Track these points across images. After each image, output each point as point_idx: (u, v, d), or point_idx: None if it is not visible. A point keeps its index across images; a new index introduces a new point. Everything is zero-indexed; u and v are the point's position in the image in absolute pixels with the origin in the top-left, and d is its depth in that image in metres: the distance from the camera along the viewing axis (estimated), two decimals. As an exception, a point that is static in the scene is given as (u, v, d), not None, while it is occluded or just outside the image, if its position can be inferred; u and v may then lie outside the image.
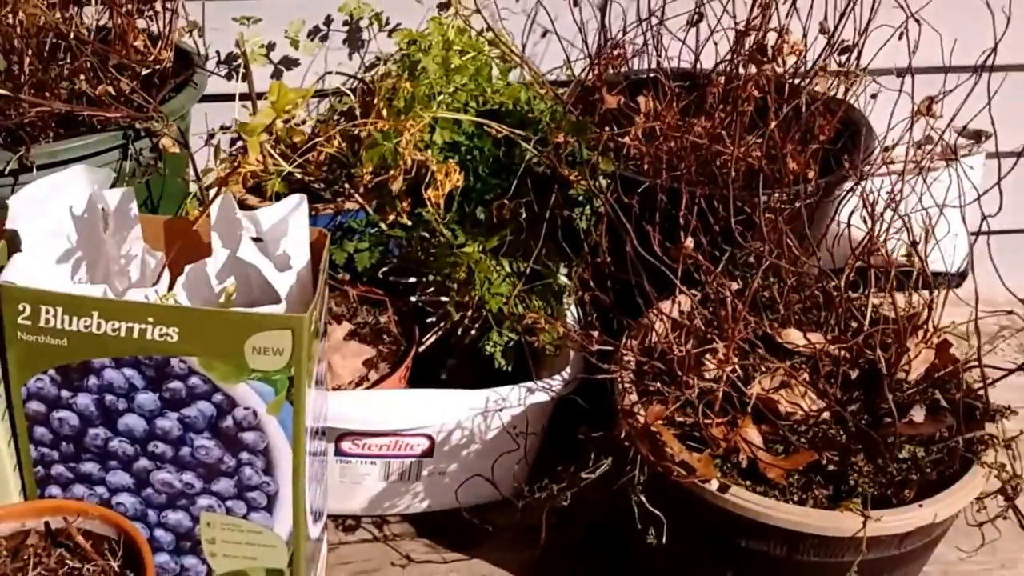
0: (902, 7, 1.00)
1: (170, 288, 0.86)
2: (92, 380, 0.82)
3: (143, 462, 0.86)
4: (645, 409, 0.94)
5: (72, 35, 1.03)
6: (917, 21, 0.96)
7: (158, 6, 1.12)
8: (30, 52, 1.01)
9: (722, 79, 1.18)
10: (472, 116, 1.12)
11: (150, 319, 0.78)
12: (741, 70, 1.14)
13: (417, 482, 1.15)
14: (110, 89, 1.00)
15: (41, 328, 0.79)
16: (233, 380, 0.80)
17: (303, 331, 0.78)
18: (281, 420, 0.82)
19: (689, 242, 0.98)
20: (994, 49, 0.96)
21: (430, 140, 1.09)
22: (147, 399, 0.82)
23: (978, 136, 1.55)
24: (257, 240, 0.88)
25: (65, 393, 0.83)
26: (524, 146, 1.11)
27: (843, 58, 1.12)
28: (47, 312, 0.78)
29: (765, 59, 1.04)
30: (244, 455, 0.84)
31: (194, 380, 0.80)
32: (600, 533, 1.16)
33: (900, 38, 0.99)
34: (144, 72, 1.11)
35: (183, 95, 1.13)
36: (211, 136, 1.51)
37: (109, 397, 0.82)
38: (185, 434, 0.84)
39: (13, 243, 0.85)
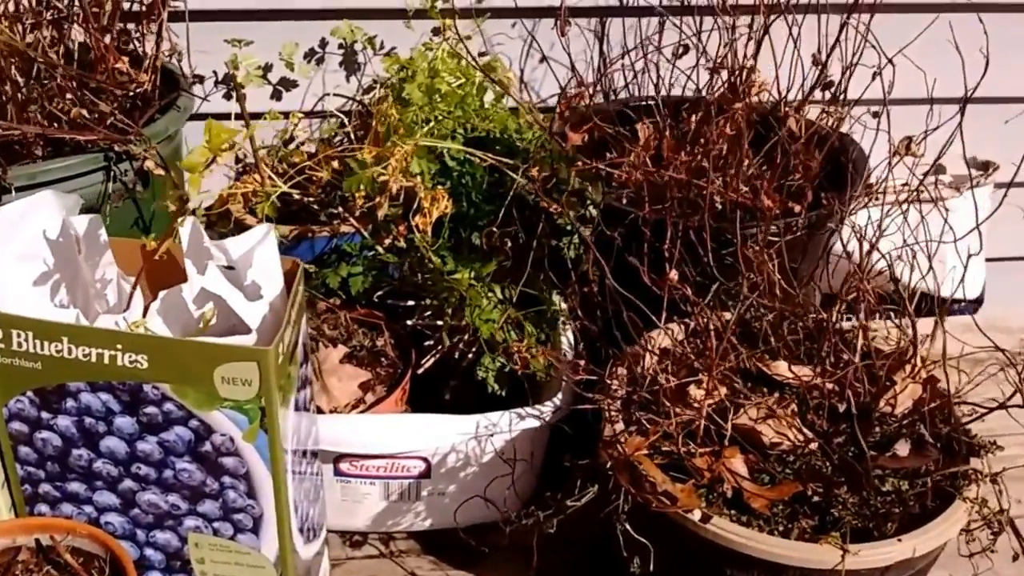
0: (875, 47, 1.01)
1: (144, 313, 0.87)
2: (70, 403, 0.83)
3: (128, 483, 0.87)
4: (627, 439, 0.95)
5: (41, 59, 1.04)
6: (891, 63, 0.97)
7: (143, 28, 1.13)
8: (13, 72, 1.01)
9: (694, 116, 1.19)
10: (457, 144, 1.13)
11: (119, 346, 0.78)
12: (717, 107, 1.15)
13: (418, 502, 1.16)
14: (84, 112, 1.01)
15: (15, 351, 0.80)
16: (206, 407, 0.81)
17: (269, 363, 0.78)
18: (258, 447, 0.83)
19: (674, 274, 0.98)
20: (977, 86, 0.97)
21: (420, 166, 1.09)
22: (125, 423, 0.83)
23: (986, 167, 1.56)
24: (229, 268, 0.88)
25: (45, 415, 0.84)
26: (510, 175, 1.12)
27: (828, 93, 1.13)
28: (19, 336, 0.80)
29: (735, 97, 1.04)
30: (226, 479, 0.85)
31: (169, 406, 0.81)
32: (601, 554, 1.16)
33: (874, 79, 1.00)
34: (124, 95, 1.12)
35: (166, 118, 1.14)
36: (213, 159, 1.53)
37: (88, 420, 0.83)
38: (166, 457, 0.84)
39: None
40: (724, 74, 1.09)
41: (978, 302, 1.63)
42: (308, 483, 0.95)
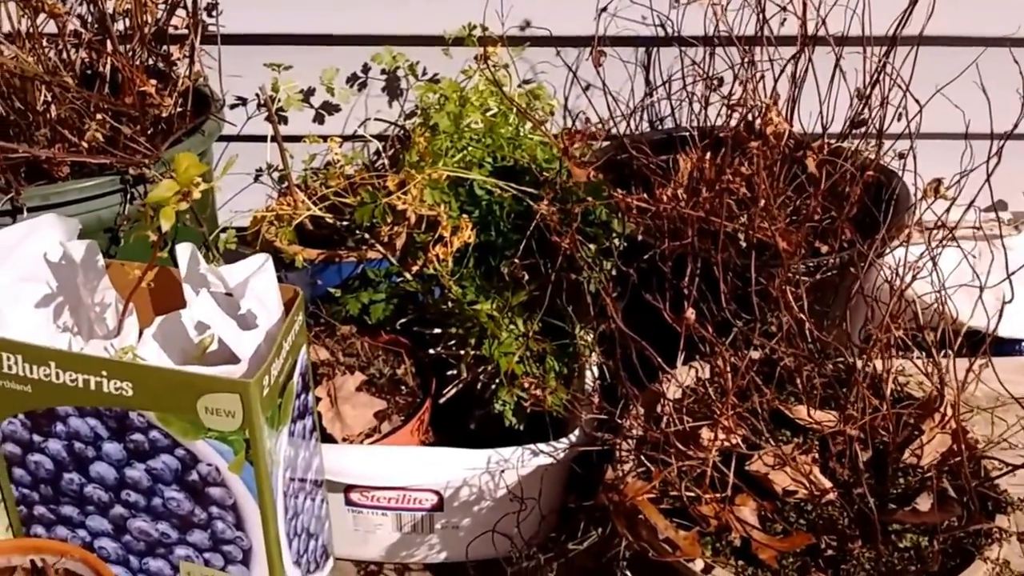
0: (900, 86, 0.97)
1: (140, 338, 0.87)
2: (60, 427, 0.83)
3: (119, 509, 0.87)
4: (628, 483, 0.92)
5: (62, 84, 1.06)
6: (917, 101, 0.93)
7: (176, 52, 1.14)
8: (38, 96, 1.03)
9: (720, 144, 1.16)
10: (484, 173, 1.12)
11: (104, 372, 0.79)
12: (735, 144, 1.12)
13: (432, 534, 1.14)
14: (99, 136, 1.02)
15: (6, 374, 0.82)
16: (191, 437, 0.81)
17: (252, 395, 0.78)
18: (244, 479, 0.82)
19: (690, 312, 0.95)
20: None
21: (433, 197, 1.09)
22: (113, 449, 0.83)
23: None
24: (228, 295, 0.88)
25: (36, 438, 0.85)
26: (533, 205, 1.10)
27: (867, 128, 1.09)
28: (9, 359, 0.81)
29: (752, 136, 1.01)
30: (214, 509, 0.85)
31: (155, 434, 0.81)
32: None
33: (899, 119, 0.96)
34: (151, 117, 1.13)
35: (189, 141, 1.16)
36: (257, 177, 1.55)
37: (78, 444, 0.84)
38: (155, 484, 0.85)
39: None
40: (741, 111, 1.06)
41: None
42: (307, 516, 0.95)
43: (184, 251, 0.87)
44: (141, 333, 0.90)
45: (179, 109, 1.18)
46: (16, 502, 0.89)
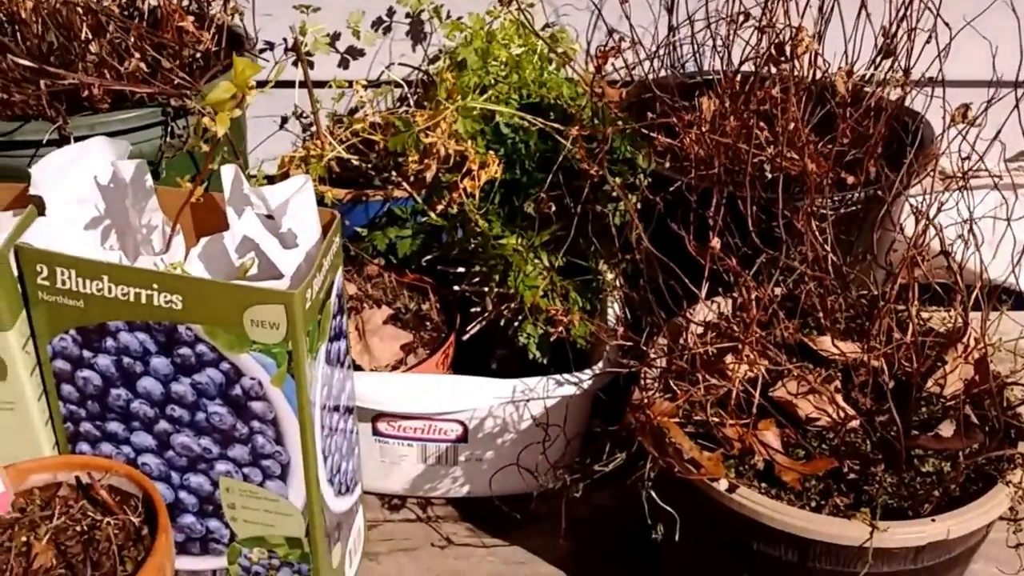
0: (931, 9, 0.97)
1: (185, 257, 0.90)
2: (110, 342, 0.85)
3: (163, 424, 0.90)
4: (655, 403, 0.94)
5: (104, 14, 1.08)
6: (947, 25, 0.93)
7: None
8: (84, 29, 1.05)
9: (746, 80, 1.17)
10: (511, 109, 1.13)
11: (155, 286, 0.81)
12: (772, 69, 1.12)
13: (455, 467, 1.17)
14: (143, 66, 1.03)
15: (59, 289, 0.84)
16: (237, 350, 0.83)
17: (296, 307, 0.80)
18: (286, 393, 0.85)
19: (716, 242, 0.97)
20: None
21: (465, 126, 1.10)
22: (161, 363, 0.86)
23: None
24: (269, 217, 0.90)
25: (86, 353, 0.87)
26: (560, 140, 1.12)
27: (888, 63, 1.10)
28: (62, 273, 0.83)
29: (783, 59, 1.02)
30: (255, 423, 0.87)
31: (201, 347, 0.83)
32: (637, 530, 1.16)
33: (928, 41, 0.96)
34: (188, 54, 1.15)
35: (226, 76, 1.17)
36: (284, 121, 1.57)
37: (127, 359, 0.86)
38: (199, 399, 0.87)
39: (38, 207, 0.90)
40: (771, 34, 1.07)
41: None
42: (340, 437, 0.97)
43: (228, 172, 0.89)
44: (187, 254, 0.92)
45: (215, 48, 1.20)
46: (63, 419, 0.92)
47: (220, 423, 0.88)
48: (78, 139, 1.00)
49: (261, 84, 1.38)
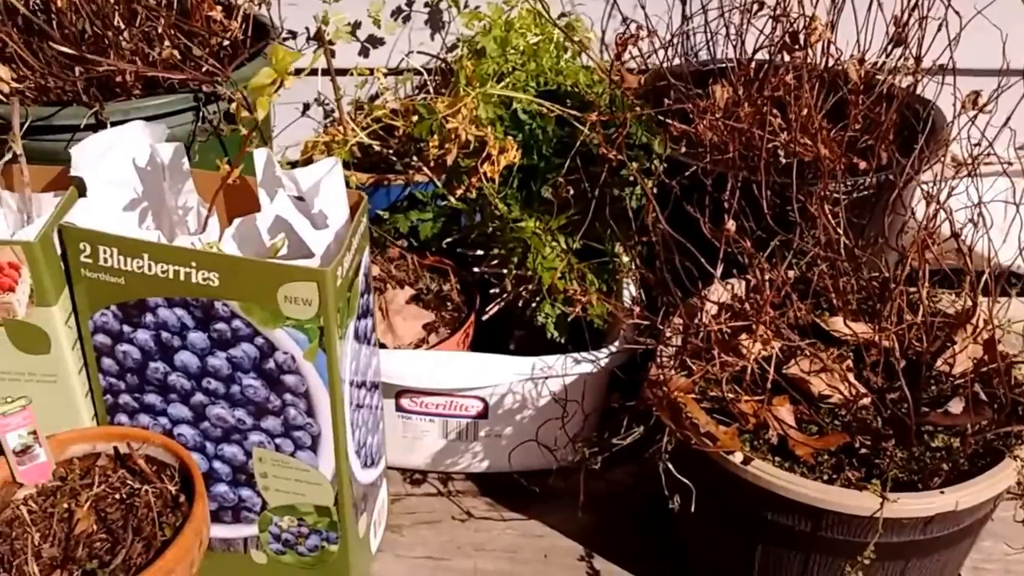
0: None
1: (220, 237, 0.93)
2: (149, 317, 0.89)
3: (199, 396, 0.93)
4: (672, 378, 0.97)
5: (136, 3, 1.11)
6: (958, 13, 0.96)
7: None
8: (116, 18, 1.08)
9: (760, 67, 1.19)
10: (529, 96, 1.16)
11: (193, 263, 0.84)
12: (785, 57, 1.15)
13: (475, 442, 1.20)
14: (176, 53, 1.07)
15: (101, 267, 0.87)
16: (271, 325, 0.86)
17: (328, 283, 0.83)
18: (317, 367, 0.88)
19: (731, 224, 1.00)
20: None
21: (486, 112, 1.13)
22: (198, 338, 0.89)
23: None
24: (299, 199, 0.93)
25: (126, 328, 0.90)
26: (577, 126, 1.14)
27: (900, 51, 1.13)
28: (104, 252, 0.86)
29: (796, 47, 1.05)
30: (288, 396, 0.91)
31: (237, 323, 0.87)
32: (656, 504, 1.19)
33: (939, 30, 0.98)
34: (217, 41, 1.18)
35: (253, 64, 1.20)
36: (306, 108, 1.60)
37: (165, 334, 0.90)
38: (234, 372, 0.90)
39: (79, 189, 0.94)
40: (785, 23, 1.10)
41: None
42: (367, 412, 1.00)
43: (260, 156, 0.92)
44: (221, 234, 0.95)
45: (242, 36, 1.23)
46: (103, 392, 0.95)
47: (254, 395, 0.91)
48: (114, 124, 1.03)
49: (296, 71, 1.41)
